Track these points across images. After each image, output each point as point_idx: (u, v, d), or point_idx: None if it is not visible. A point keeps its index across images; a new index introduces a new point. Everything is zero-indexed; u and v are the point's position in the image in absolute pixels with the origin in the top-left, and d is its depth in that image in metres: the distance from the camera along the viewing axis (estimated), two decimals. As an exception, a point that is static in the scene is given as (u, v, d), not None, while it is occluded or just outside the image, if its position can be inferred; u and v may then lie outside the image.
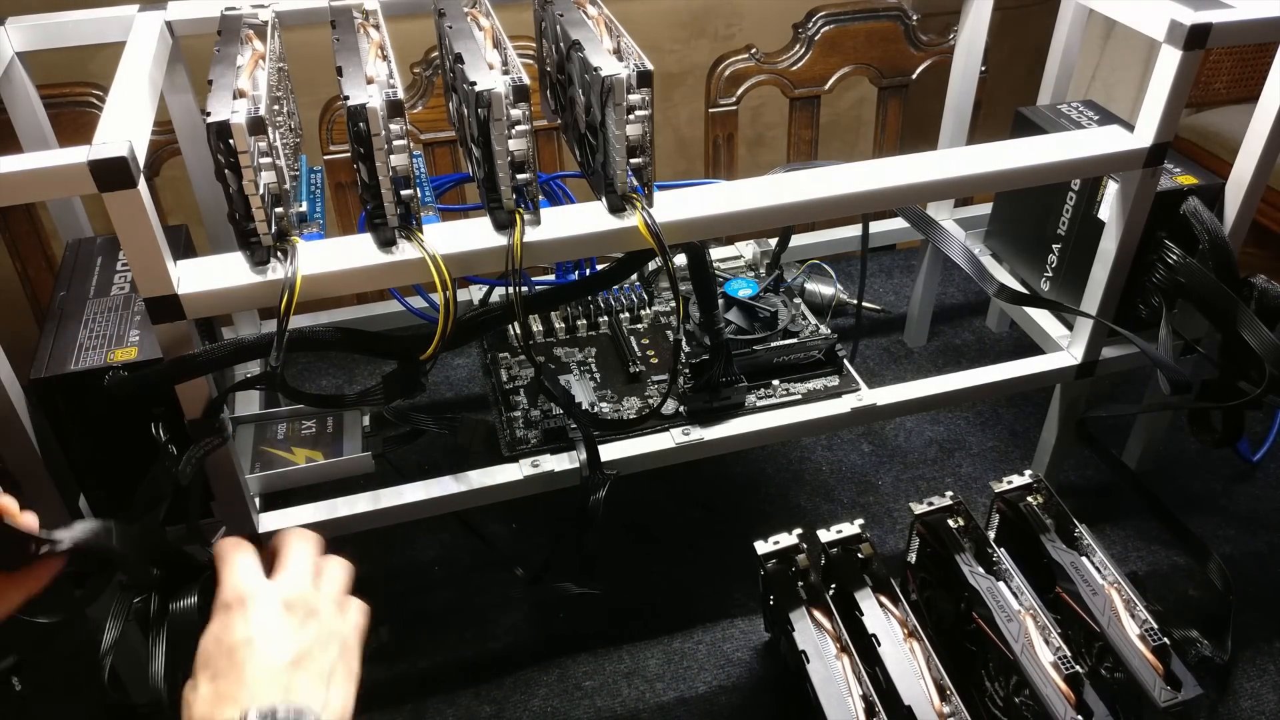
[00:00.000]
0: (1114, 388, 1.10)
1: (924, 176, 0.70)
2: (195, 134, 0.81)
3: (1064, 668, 0.67)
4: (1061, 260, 0.93)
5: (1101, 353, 0.88)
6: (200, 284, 0.60)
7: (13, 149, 0.80)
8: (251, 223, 0.58)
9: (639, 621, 0.87)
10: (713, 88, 1.18)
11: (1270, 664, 0.82)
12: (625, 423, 0.80)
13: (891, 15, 1.18)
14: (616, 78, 0.59)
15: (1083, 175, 0.85)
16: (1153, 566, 0.91)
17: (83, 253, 0.79)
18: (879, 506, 0.99)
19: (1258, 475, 1.01)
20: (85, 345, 0.67)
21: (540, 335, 0.92)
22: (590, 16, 0.69)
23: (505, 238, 0.62)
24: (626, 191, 0.64)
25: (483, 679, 0.82)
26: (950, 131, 1.04)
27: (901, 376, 1.13)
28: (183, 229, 0.78)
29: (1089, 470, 1.02)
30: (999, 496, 0.81)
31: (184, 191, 0.86)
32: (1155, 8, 0.72)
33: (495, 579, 0.89)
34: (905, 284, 1.28)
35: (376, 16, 0.71)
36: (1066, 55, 0.99)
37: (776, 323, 0.85)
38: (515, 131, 0.60)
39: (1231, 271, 0.80)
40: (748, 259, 0.99)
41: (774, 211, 0.68)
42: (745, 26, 1.73)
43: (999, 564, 0.75)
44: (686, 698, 0.81)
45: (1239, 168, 0.81)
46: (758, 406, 0.82)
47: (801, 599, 0.75)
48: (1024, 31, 1.60)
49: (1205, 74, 1.90)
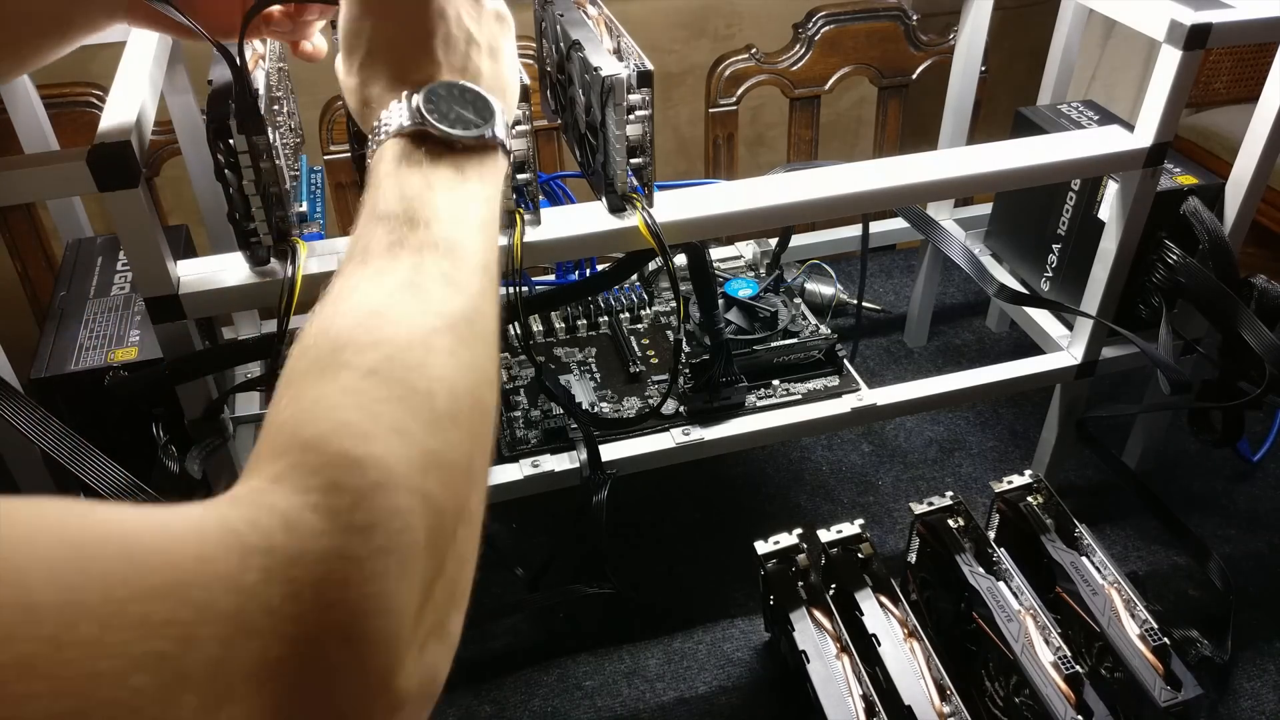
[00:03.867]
0: (1114, 388, 1.10)
1: (924, 176, 0.70)
2: (195, 134, 0.81)
3: (1064, 668, 0.67)
4: (1061, 260, 0.93)
5: (1101, 353, 0.88)
6: (200, 284, 0.60)
7: (13, 149, 0.80)
8: (251, 223, 0.58)
9: (639, 621, 0.87)
10: (713, 88, 1.18)
11: (1270, 664, 0.82)
12: (625, 422, 0.80)
13: (891, 15, 1.18)
14: (616, 78, 0.59)
15: (1083, 175, 0.85)
16: (1153, 566, 0.91)
17: (83, 253, 0.79)
18: (879, 506, 0.99)
19: (1258, 475, 1.01)
20: (85, 345, 0.67)
21: (540, 335, 0.92)
22: (590, 16, 0.69)
23: (505, 238, 0.62)
24: (626, 191, 0.64)
25: (483, 679, 0.82)
26: (950, 131, 1.04)
27: (901, 376, 1.13)
28: (183, 229, 0.78)
29: (1089, 470, 1.01)
30: (999, 496, 0.81)
31: (184, 191, 0.86)
32: (1155, 8, 0.72)
33: (495, 579, 0.89)
34: (905, 284, 1.28)
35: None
36: (1066, 55, 0.99)
37: (776, 323, 0.85)
38: (516, 131, 0.60)
39: (1231, 271, 0.80)
40: (748, 259, 0.99)
41: (774, 211, 0.68)
42: (745, 26, 1.73)
43: (999, 564, 0.75)
44: (686, 698, 0.81)
45: (1239, 168, 0.81)
46: (758, 406, 0.82)
47: (801, 599, 0.75)
48: (1024, 31, 1.60)
49: (1205, 74, 1.90)
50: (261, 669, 0.25)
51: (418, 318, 0.34)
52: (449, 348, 0.34)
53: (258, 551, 0.26)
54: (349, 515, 0.28)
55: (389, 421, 0.30)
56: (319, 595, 0.26)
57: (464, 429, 0.33)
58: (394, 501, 0.29)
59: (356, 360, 0.32)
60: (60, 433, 0.56)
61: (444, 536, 0.31)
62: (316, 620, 0.26)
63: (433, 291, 0.36)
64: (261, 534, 0.26)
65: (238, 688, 0.24)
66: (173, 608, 0.24)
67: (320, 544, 0.27)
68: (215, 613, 0.24)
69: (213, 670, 0.24)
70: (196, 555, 0.25)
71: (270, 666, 0.25)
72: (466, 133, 0.42)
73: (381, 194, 0.40)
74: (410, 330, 0.34)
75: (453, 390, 0.33)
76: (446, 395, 0.33)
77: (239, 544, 0.26)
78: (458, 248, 0.38)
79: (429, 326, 0.34)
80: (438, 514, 0.30)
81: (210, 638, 0.24)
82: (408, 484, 0.29)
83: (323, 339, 0.33)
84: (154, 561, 0.24)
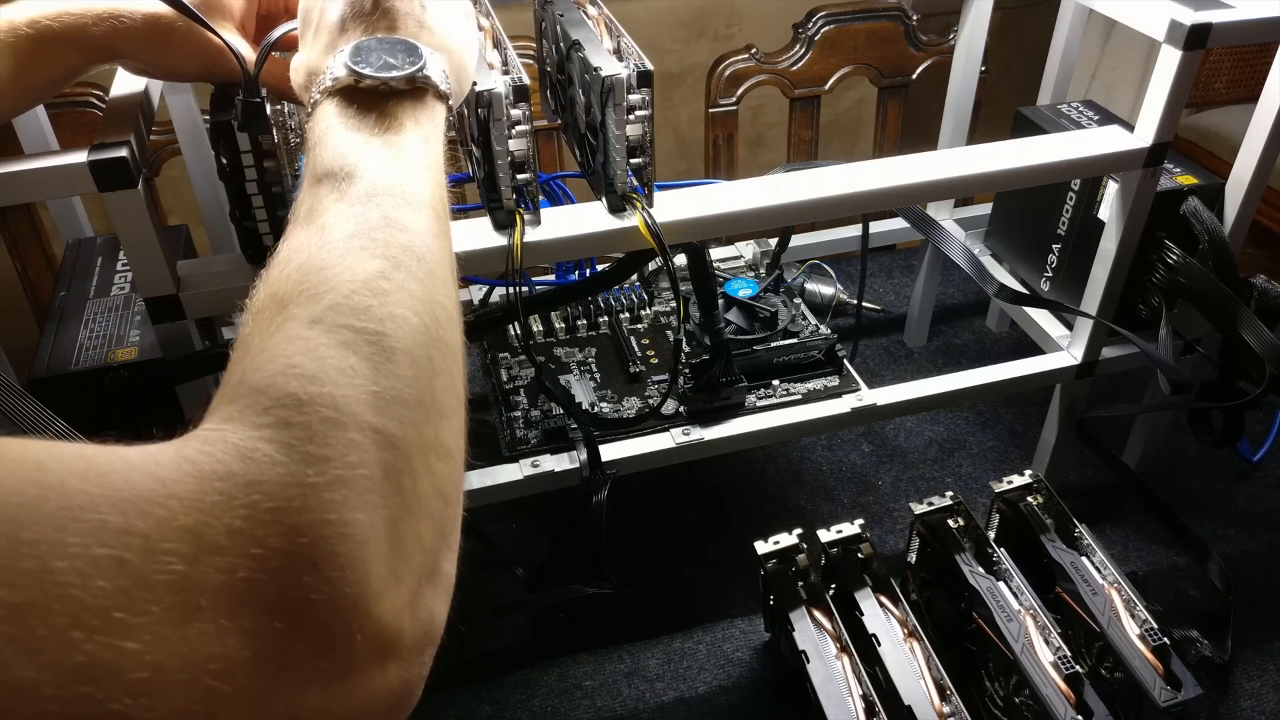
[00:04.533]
0: (1114, 388, 1.10)
1: (924, 176, 0.70)
2: (195, 134, 0.81)
3: (1064, 668, 0.67)
4: (1061, 260, 0.93)
5: (1101, 353, 0.88)
6: (200, 284, 0.60)
7: (13, 149, 0.80)
8: (252, 223, 0.58)
9: (639, 621, 0.87)
10: (713, 88, 1.18)
11: (1270, 664, 0.82)
12: (625, 422, 0.80)
13: (891, 15, 1.18)
14: (616, 78, 0.59)
15: (1083, 175, 0.85)
16: (1153, 566, 0.91)
17: (83, 253, 0.79)
18: (879, 506, 0.99)
19: (1258, 475, 1.01)
20: (85, 345, 0.67)
21: (540, 335, 0.92)
22: (590, 16, 0.69)
23: (505, 238, 0.62)
24: (626, 191, 0.64)
25: (483, 679, 0.82)
26: (950, 131, 1.04)
27: (901, 376, 1.13)
28: (183, 229, 0.78)
29: (1089, 470, 1.01)
30: (999, 496, 0.81)
31: (184, 191, 0.86)
32: (1155, 8, 0.72)
33: (495, 579, 0.89)
34: (905, 284, 1.28)
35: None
36: (1066, 55, 0.99)
37: (776, 323, 0.85)
38: (515, 131, 0.60)
39: (1231, 271, 0.80)
40: (748, 259, 0.99)
41: (774, 211, 0.68)
42: (745, 26, 1.73)
43: (999, 564, 0.75)
44: (686, 698, 0.81)
45: (1239, 168, 0.81)
46: (758, 406, 0.82)
47: (801, 599, 0.75)
48: (1024, 31, 1.60)
49: (1205, 74, 1.90)
50: (229, 590, 0.25)
51: (363, 263, 0.35)
52: (397, 287, 0.34)
53: (216, 477, 0.26)
54: (303, 447, 0.28)
55: (335, 364, 0.31)
56: (279, 519, 0.26)
57: (420, 365, 0.33)
58: (346, 436, 0.29)
59: (301, 312, 0.32)
60: (64, 433, 0.56)
61: (407, 472, 0.31)
62: (280, 544, 0.26)
63: (376, 236, 0.36)
64: (219, 463, 0.27)
65: (205, 606, 0.25)
66: (130, 519, 0.24)
67: (277, 471, 0.27)
68: (175, 528, 0.25)
69: (176, 583, 0.24)
70: (154, 477, 0.26)
71: (238, 588, 0.25)
72: (392, 74, 0.42)
73: (318, 154, 0.40)
74: (354, 276, 0.34)
75: (403, 328, 0.33)
76: (397, 334, 0.33)
77: (196, 470, 0.26)
78: (398, 191, 0.38)
79: (374, 270, 0.34)
80: (394, 449, 0.30)
81: (171, 552, 0.25)
82: (358, 421, 0.30)
83: (270, 300, 0.34)
84: (112, 479, 0.25)
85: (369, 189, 0.38)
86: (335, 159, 0.39)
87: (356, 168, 0.39)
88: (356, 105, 0.42)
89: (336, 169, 0.39)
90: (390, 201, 0.38)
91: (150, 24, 0.53)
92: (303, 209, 0.38)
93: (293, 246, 0.36)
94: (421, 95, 0.43)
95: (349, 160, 0.39)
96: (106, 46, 0.54)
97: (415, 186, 0.39)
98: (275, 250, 0.37)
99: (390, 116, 0.42)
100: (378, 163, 0.39)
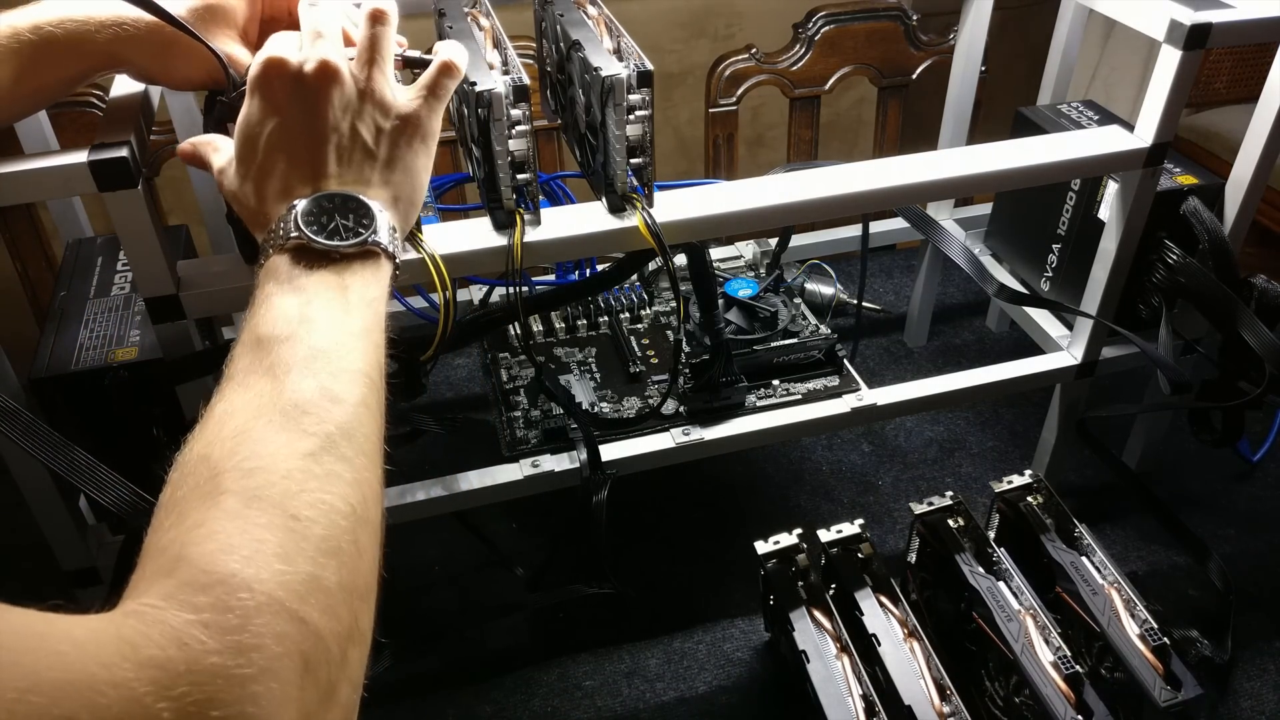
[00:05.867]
0: (1114, 388, 1.10)
1: (924, 176, 0.70)
2: (195, 134, 0.81)
3: (1064, 668, 0.67)
4: (1061, 260, 0.93)
5: (1101, 353, 0.88)
6: (200, 284, 0.60)
7: (13, 150, 0.80)
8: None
9: (639, 621, 0.87)
10: (713, 88, 1.17)
11: (1270, 664, 0.82)
12: (625, 422, 0.80)
13: (891, 15, 1.18)
14: (616, 78, 0.59)
15: (1083, 175, 0.85)
16: (1153, 566, 0.91)
17: (83, 253, 0.79)
18: (879, 506, 0.99)
19: (1258, 475, 1.01)
20: (86, 345, 0.67)
21: (540, 335, 0.92)
22: (590, 16, 0.69)
23: (505, 238, 0.62)
24: (626, 191, 0.64)
25: (483, 679, 0.82)
26: (950, 131, 1.04)
27: (901, 376, 1.13)
28: (183, 229, 0.78)
29: (1089, 470, 1.01)
30: (999, 496, 0.81)
31: (184, 191, 0.86)
32: (1155, 8, 0.72)
33: (495, 579, 0.89)
34: (905, 284, 1.28)
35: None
36: (1066, 55, 0.99)
37: (776, 323, 0.85)
38: (515, 131, 0.60)
39: (1231, 271, 0.80)
40: (748, 259, 0.99)
41: (774, 211, 0.68)
42: (745, 26, 1.73)
43: (999, 564, 0.75)
44: (686, 698, 0.81)
45: (1239, 168, 0.81)
46: (758, 406, 0.82)
47: (801, 599, 0.75)
48: (1024, 31, 1.60)
49: (1205, 74, 1.90)
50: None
51: (295, 441, 0.36)
52: (327, 471, 0.36)
53: (152, 664, 0.28)
54: (236, 636, 0.29)
55: (271, 548, 0.32)
56: (204, 712, 0.28)
57: (346, 552, 0.35)
58: (276, 627, 0.30)
59: (236, 487, 0.34)
60: (59, 444, 0.56)
61: (324, 661, 0.32)
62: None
63: (310, 410, 0.37)
64: (156, 648, 0.28)
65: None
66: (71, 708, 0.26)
67: (209, 661, 0.29)
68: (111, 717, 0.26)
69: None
70: (96, 660, 0.27)
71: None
72: (344, 242, 0.44)
73: (260, 315, 0.41)
74: (289, 454, 0.35)
75: (332, 514, 0.35)
76: (326, 522, 0.34)
77: (134, 655, 0.28)
78: (335, 359, 0.39)
79: (306, 450, 0.36)
80: (316, 639, 0.32)
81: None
82: (287, 609, 0.31)
83: (202, 465, 0.35)
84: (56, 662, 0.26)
85: (305, 356, 0.39)
86: (276, 324, 0.40)
87: (295, 333, 0.40)
88: (304, 263, 0.43)
89: (276, 334, 0.40)
90: (327, 371, 0.39)
91: (153, 32, 0.53)
92: (238, 368, 0.39)
93: (227, 409, 0.37)
94: (371, 258, 0.45)
95: (290, 325, 0.40)
96: (109, 53, 0.54)
97: (351, 354, 0.40)
98: (208, 406, 0.38)
99: (338, 278, 0.43)
100: (317, 330, 0.40)
